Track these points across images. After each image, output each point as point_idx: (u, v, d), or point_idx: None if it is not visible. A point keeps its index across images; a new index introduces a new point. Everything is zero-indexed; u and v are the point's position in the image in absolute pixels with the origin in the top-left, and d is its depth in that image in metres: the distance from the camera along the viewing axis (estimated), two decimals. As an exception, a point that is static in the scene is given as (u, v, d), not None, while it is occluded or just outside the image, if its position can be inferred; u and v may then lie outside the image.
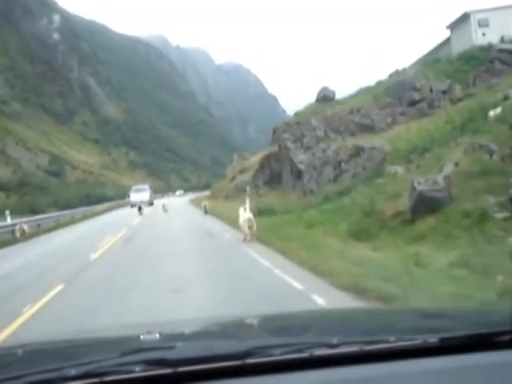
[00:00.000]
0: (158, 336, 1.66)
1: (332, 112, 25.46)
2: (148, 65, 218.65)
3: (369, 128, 22.91)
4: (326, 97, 36.95)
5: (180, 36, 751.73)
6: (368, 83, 36.31)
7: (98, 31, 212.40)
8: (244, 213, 12.31)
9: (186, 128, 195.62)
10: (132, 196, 50.15)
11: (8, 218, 24.68)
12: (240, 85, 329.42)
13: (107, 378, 1.18)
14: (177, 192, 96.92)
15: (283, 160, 25.66)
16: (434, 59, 30.21)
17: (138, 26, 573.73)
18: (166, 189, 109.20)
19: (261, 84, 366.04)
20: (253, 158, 47.22)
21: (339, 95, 37.09)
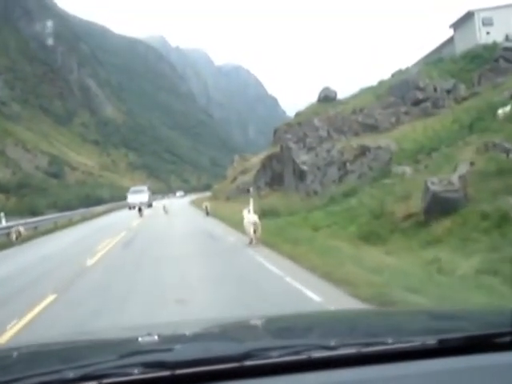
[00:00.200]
0: (156, 338, 1.67)
1: (335, 112, 25.09)
2: (147, 66, 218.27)
3: (373, 128, 22.57)
4: (327, 97, 36.67)
5: (179, 37, 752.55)
6: (368, 84, 36.01)
7: (98, 32, 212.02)
8: (248, 215, 11.84)
9: (186, 129, 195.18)
10: (130, 198, 48.44)
11: (3, 220, 23.90)
12: (240, 86, 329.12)
13: (106, 381, 1.18)
14: (177, 193, 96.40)
15: (285, 161, 25.30)
16: (437, 58, 29.88)
17: (137, 27, 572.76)
18: (166, 190, 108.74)
19: (260, 85, 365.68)
20: (254, 158, 46.92)
21: (340, 96, 36.82)
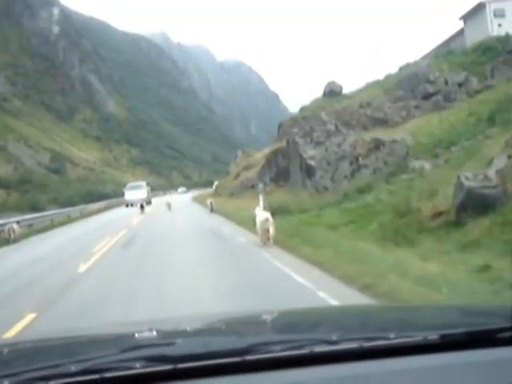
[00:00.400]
0: (157, 333, 1.66)
1: (343, 105, 24.39)
2: (149, 62, 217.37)
3: (382, 122, 21.87)
4: (333, 91, 36.04)
5: (181, 33, 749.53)
6: (369, 80, 35.33)
7: (99, 28, 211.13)
8: (261, 212, 10.87)
9: (188, 125, 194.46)
10: (127, 194, 44.65)
11: None
12: (241, 82, 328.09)
13: (107, 375, 1.17)
14: (179, 189, 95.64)
15: (291, 156, 24.62)
16: (447, 51, 29.11)
17: (139, 23, 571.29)
18: (168, 186, 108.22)
19: (262, 81, 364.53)
20: (257, 154, 46.26)
21: (345, 90, 36.18)
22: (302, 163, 21.95)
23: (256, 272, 8.05)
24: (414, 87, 25.21)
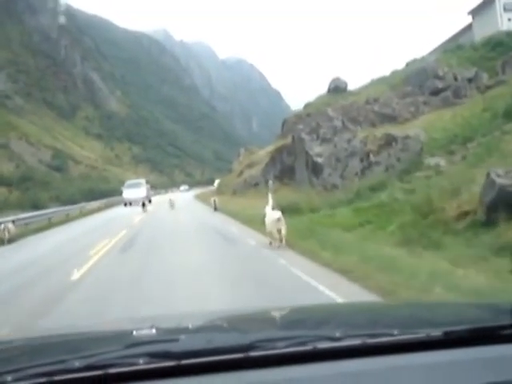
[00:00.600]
0: (161, 329, 1.69)
1: (350, 101, 23.87)
2: (151, 59, 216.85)
3: (391, 118, 21.35)
4: (337, 87, 35.61)
5: (183, 30, 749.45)
6: (375, 76, 34.84)
7: (101, 26, 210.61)
8: (272, 212, 10.09)
9: (190, 123, 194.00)
10: (125, 192, 41.78)
11: None
12: (243, 79, 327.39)
13: (111, 370, 1.17)
14: (181, 187, 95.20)
15: (297, 153, 24.09)
16: (456, 46, 28.53)
17: (141, 21, 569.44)
18: (170, 184, 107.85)
19: (264, 78, 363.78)
20: (260, 151, 45.78)
21: (349, 87, 35.74)
22: (308, 160, 21.43)
23: (276, 285, 6.95)
24: (422, 83, 24.68)
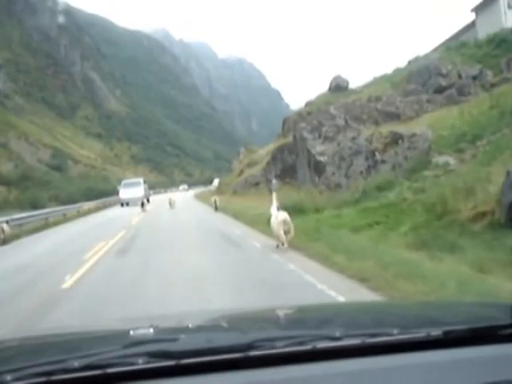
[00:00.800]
0: (160, 329, 1.66)
1: (352, 99, 23.58)
2: (151, 59, 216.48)
3: (394, 116, 21.07)
4: (339, 86, 35.25)
5: (183, 30, 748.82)
6: (376, 75, 34.55)
7: (101, 25, 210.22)
8: (277, 212, 9.63)
9: (189, 122, 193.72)
10: (122, 192, 39.72)
11: None
12: (243, 79, 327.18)
13: (110, 370, 1.16)
14: (180, 187, 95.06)
15: (298, 152, 23.80)
16: (459, 43, 28.22)
17: (140, 20, 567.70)
18: (169, 183, 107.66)
19: (264, 78, 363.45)
20: (261, 151, 45.49)
21: (351, 86, 35.43)
22: (310, 159, 21.13)
23: (289, 295, 6.14)
24: (425, 81, 24.39)
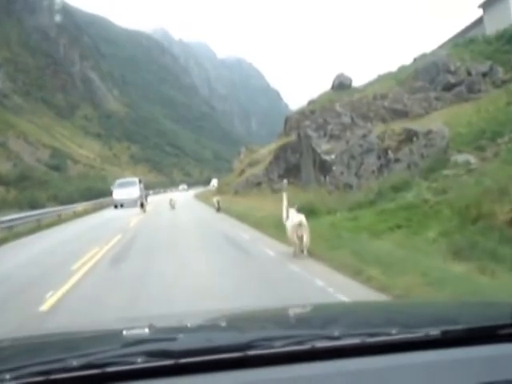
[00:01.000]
0: (159, 328, 1.65)
1: (358, 97, 22.91)
2: (150, 59, 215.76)
3: (402, 113, 20.40)
4: (342, 84, 34.60)
5: (182, 30, 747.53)
6: (380, 72, 33.85)
7: (100, 25, 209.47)
8: (293, 214, 8.59)
9: (189, 122, 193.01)
10: (116, 193, 36.17)
11: None
12: (242, 78, 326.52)
13: (109, 369, 1.16)
14: (180, 187, 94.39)
15: (303, 150, 23.12)
16: (468, 39, 27.55)
17: (139, 20, 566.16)
18: (169, 183, 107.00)
19: (263, 78, 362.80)
20: (262, 150, 44.81)
21: (353, 84, 34.78)
22: (315, 158, 20.45)
23: None
24: (433, 78, 23.72)
